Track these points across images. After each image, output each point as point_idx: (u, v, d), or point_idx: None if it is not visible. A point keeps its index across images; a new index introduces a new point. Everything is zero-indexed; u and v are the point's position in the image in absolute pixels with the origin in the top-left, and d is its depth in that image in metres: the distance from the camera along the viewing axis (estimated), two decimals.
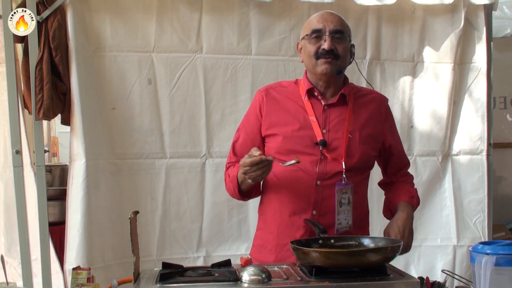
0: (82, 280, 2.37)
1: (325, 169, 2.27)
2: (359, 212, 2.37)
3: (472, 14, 3.78)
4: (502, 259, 1.91)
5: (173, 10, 3.46)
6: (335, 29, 2.30)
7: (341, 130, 2.31)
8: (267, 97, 2.40)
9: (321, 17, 2.33)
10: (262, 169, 2.12)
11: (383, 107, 2.45)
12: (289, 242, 2.11)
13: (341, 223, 2.27)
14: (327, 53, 2.27)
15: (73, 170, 3.29)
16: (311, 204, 2.29)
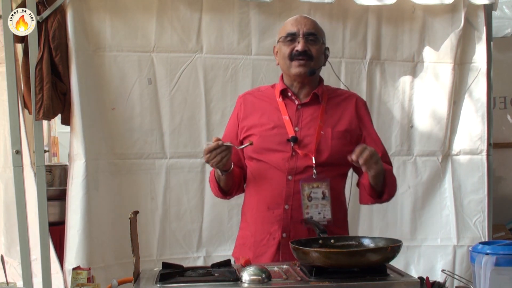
0: (82, 280, 2.37)
1: (296, 165, 2.35)
2: (337, 208, 2.41)
3: (472, 14, 3.78)
4: (502, 259, 1.91)
5: (173, 10, 3.46)
6: (309, 31, 2.40)
7: (313, 127, 2.40)
8: (244, 103, 2.54)
9: (296, 20, 2.43)
10: (220, 154, 2.23)
11: (358, 106, 2.49)
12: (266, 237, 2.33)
13: (313, 217, 2.32)
14: (300, 54, 2.37)
15: (73, 170, 3.29)
16: (283, 199, 2.36)
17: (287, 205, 2.35)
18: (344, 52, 3.70)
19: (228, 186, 2.47)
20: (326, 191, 2.34)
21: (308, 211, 2.32)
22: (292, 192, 2.34)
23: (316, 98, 2.44)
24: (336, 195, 2.40)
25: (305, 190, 2.32)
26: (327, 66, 2.60)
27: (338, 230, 2.36)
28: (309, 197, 2.32)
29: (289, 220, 2.35)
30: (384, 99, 3.79)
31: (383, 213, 3.81)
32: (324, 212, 2.34)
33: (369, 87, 3.75)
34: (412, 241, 3.80)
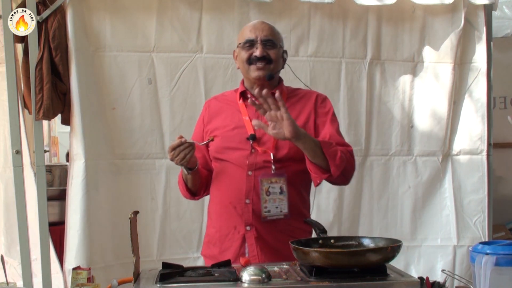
0: (82, 280, 2.36)
1: (255, 161, 2.41)
2: (297, 203, 2.46)
3: (472, 14, 3.79)
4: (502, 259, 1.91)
5: (173, 10, 3.46)
6: (266, 38, 2.45)
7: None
8: (208, 108, 2.63)
9: (253, 27, 2.49)
10: (183, 151, 2.33)
11: (317, 101, 2.53)
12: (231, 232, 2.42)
13: (271, 211, 2.39)
14: (258, 60, 2.44)
15: (73, 170, 3.29)
16: (244, 194, 2.42)
17: (248, 199, 2.41)
18: (344, 52, 3.71)
19: (195, 186, 2.56)
20: (283, 186, 2.40)
21: (266, 205, 2.38)
22: (252, 187, 2.41)
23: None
24: (296, 190, 2.45)
25: (263, 185, 2.39)
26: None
27: (296, 223, 2.43)
28: (268, 191, 2.39)
29: (251, 214, 2.41)
30: (384, 99, 3.80)
31: (383, 213, 3.81)
32: (281, 206, 2.40)
33: (369, 87, 3.75)
34: (412, 241, 3.80)
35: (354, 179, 3.72)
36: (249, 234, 2.41)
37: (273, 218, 2.40)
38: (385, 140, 3.81)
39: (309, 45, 3.65)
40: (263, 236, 2.41)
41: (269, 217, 2.39)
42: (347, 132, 3.70)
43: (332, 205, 3.70)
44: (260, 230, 2.41)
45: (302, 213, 2.49)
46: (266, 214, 2.39)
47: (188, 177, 2.50)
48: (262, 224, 2.40)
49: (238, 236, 2.43)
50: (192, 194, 2.61)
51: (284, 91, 2.52)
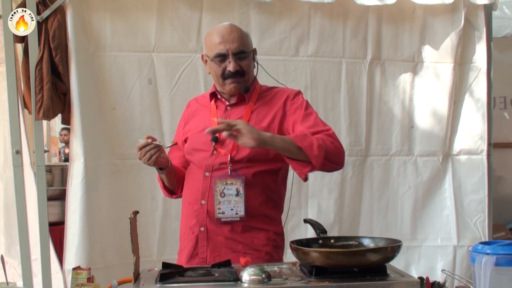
0: (82, 280, 2.36)
1: (213, 162, 2.39)
2: (257, 204, 2.39)
3: (472, 14, 3.79)
4: (502, 259, 1.91)
5: (173, 10, 3.46)
6: (237, 50, 2.38)
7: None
8: (188, 108, 2.65)
9: (222, 38, 2.39)
10: (149, 152, 2.35)
11: (287, 99, 2.45)
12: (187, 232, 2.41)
13: (225, 213, 2.35)
14: (233, 75, 2.39)
15: (73, 170, 3.29)
16: (200, 194, 2.40)
17: (204, 200, 2.39)
18: (344, 52, 3.71)
19: (172, 185, 2.57)
20: (240, 188, 2.35)
21: (220, 207, 2.36)
22: (207, 188, 2.38)
23: (244, 99, 2.47)
24: (258, 191, 2.39)
25: (218, 187, 2.36)
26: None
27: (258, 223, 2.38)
28: (222, 193, 2.35)
29: (205, 214, 2.38)
30: (385, 99, 3.80)
31: (383, 213, 3.81)
32: (237, 209, 2.35)
33: (369, 87, 3.75)
34: (412, 241, 3.80)
35: (355, 179, 3.75)
36: (202, 235, 2.38)
37: (227, 220, 2.35)
38: (385, 140, 3.81)
39: (309, 45, 3.65)
40: (215, 238, 2.37)
41: (223, 218, 2.35)
42: (347, 132, 3.71)
43: (333, 205, 3.70)
44: (212, 231, 2.37)
45: (266, 214, 2.42)
46: (220, 215, 2.35)
47: (163, 176, 2.52)
48: (215, 225, 2.36)
49: (192, 236, 2.41)
50: (170, 192, 2.61)
51: (256, 90, 2.49)
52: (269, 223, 2.43)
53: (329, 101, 3.69)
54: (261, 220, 2.40)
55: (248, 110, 2.44)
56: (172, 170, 2.50)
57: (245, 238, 2.36)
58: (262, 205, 2.41)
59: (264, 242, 2.39)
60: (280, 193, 2.51)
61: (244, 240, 2.36)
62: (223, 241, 2.36)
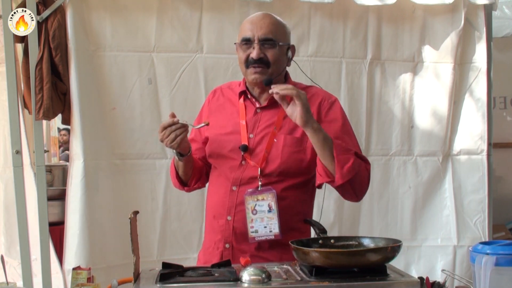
0: (82, 280, 2.36)
1: (241, 175, 2.23)
2: (293, 220, 2.25)
3: (472, 14, 3.79)
4: (502, 259, 1.91)
5: (173, 10, 3.46)
6: (264, 36, 2.21)
7: (269, 134, 2.25)
8: (213, 98, 2.42)
9: (251, 23, 2.26)
10: (174, 132, 2.10)
11: (321, 106, 2.28)
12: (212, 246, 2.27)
13: (258, 231, 2.20)
14: (255, 62, 2.21)
15: (72, 170, 3.29)
16: (226, 210, 2.25)
17: (230, 216, 2.24)
18: (344, 52, 3.71)
19: (186, 175, 2.35)
20: (272, 204, 2.18)
21: (253, 225, 2.19)
22: (235, 203, 2.23)
23: (275, 101, 2.18)
24: (287, 205, 2.23)
25: (249, 203, 2.19)
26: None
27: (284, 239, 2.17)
28: (254, 210, 2.19)
29: (231, 231, 2.24)
30: (385, 99, 3.80)
31: (383, 213, 3.81)
32: (271, 226, 2.19)
33: (369, 87, 3.75)
34: (412, 241, 3.80)
35: None
36: (226, 252, 2.25)
37: (261, 239, 2.20)
38: (385, 140, 3.81)
39: (309, 45, 3.65)
40: (240, 256, 2.15)
41: (257, 237, 2.20)
42: None
43: (333, 205, 3.70)
44: (237, 249, 2.23)
45: (297, 228, 2.27)
46: (254, 234, 2.20)
47: (180, 164, 2.29)
48: (240, 242, 2.23)
49: (217, 252, 2.27)
50: (182, 184, 2.39)
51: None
52: (298, 237, 2.21)
53: None
54: (291, 235, 2.19)
55: (280, 115, 2.25)
56: (191, 158, 2.28)
57: (273, 255, 2.20)
58: (293, 218, 2.26)
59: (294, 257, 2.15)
60: (310, 203, 2.37)
61: (272, 257, 2.18)
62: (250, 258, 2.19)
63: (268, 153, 2.22)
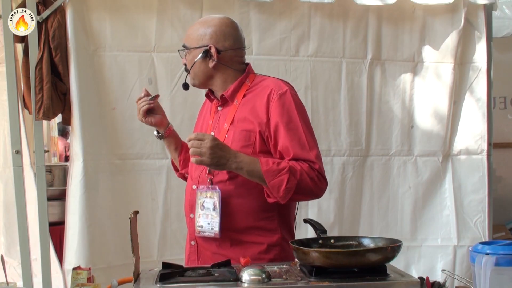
0: (82, 280, 2.36)
1: (200, 173, 2.30)
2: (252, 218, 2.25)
3: (472, 14, 3.78)
4: (502, 259, 1.91)
5: (173, 10, 3.46)
6: (182, 45, 2.41)
7: (221, 131, 2.30)
8: (202, 105, 2.57)
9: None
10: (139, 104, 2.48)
11: (271, 97, 2.23)
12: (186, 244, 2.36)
13: (203, 227, 2.25)
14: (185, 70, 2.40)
15: (72, 170, 3.29)
16: (189, 208, 2.34)
17: (192, 214, 2.31)
18: (344, 52, 3.71)
19: (175, 159, 2.59)
20: (216, 202, 2.21)
21: (199, 220, 2.26)
22: (194, 201, 2.30)
23: (227, 99, 2.32)
24: (244, 203, 2.24)
25: (199, 199, 2.26)
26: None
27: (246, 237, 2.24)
28: (202, 206, 2.25)
29: (194, 228, 2.30)
30: (385, 99, 3.80)
31: (383, 213, 3.81)
32: (213, 224, 2.23)
33: (369, 87, 3.75)
34: (412, 241, 3.80)
35: (355, 179, 3.75)
36: (192, 249, 2.34)
37: (205, 235, 2.25)
38: (385, 140, 3.81)
39: (309, 45, 3.65)
40: (204, 252, 2.29)
41: (201, 232, 2.26)
42: (347, 132, 3.71)
43: (333, 205, 3.70)
44: (201, 245, 2.30)
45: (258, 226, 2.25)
46: (199, 229, 2.26)
47: (165, 145, 2.56)
48: (203, 239, 2.28)
49: (187, 248, 2.39)
50: (176, 169, 2.61)
51: (244, 86, 2.31)
52: (263, 235, 2.26)
53: (329, 101, 3.69)
54: (252, 233, 2.24)
55: (231, 112, 2.30)
56: (172, 140, 2.50)
57: (234, 252, 2.19)
58: (251, 217, 2.25)
59: (256, 256, 2.18)
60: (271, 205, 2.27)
61: (233, 255, 2.13)
62: (211, 255, 2.25)
63: None
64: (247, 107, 2.27)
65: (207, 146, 2.07)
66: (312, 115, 3.65)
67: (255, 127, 2.21)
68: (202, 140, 2.08)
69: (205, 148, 2.08)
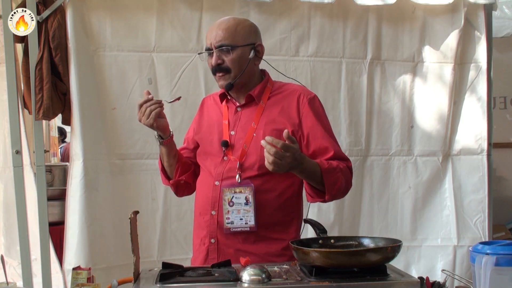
0: (82, 280, 2.36)
1: (223, 170, 2.31)
2: (276, 214, 2.30)
3: (472, 14, 3.79)
4: (502, 259, 1.91)
5: (173, 10, 3.46)
6: (219, 44, 2.29)
7: (248, 130, 2.33)
8: (202, 106, 2.55)
9: (210, 32, 2.34)
10: (149, 107, 2.27)
11: (301, 102, 2.33)
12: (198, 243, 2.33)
13: (234, 223, 2.26)
14: (216, 70, 2.31)
15: (72, 170, 3.29)
16: (210, 205, 2.32)
17: (214, 211, 2.30)
18: (344, 52, 3.71)
19: (171, 166, 2.44)
20: (249, 197, 2.25)
21: (229, 216, 2.26)
22: (217, 197, 2.30)
23: (253, 99, 2.36)
24: (270, 199, 2.29)
25: (226, 195, 2.27)
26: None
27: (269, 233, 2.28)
28: (231, 202, 2.26)
29: (216, 226, 2.30)
30: (385, 99, 3.80)
31: (383, 213, 3.81)
32: (247, 218, 2.26)
33: (369, 87, 3.75)
34: (412, 241, 3.80)
35: (354, 179, 3.72)
36: (212, 247, 2.31)
37: (236, 230, 2.26)
38: (385, 140, 3.81)
39: (309, 45, 3.65)
40: (226, 250, 2.28)
41: (233, 228, 2.26)
42: (347, 132, 3.71)
43: (333, 205, 3.70)
44: (223, 243, 2.29)
45: (281, 222, 2.32)
46: (229, 225, 2.26)
47: (163, 152, 2.39)
48: (226, 236, 2.28)
49: (203, 248, 2.33)
50: (167, 177, 2.49)
51: (267, 89, 2.37)
52: (285, 232, 2.32)
53: (329, 101, 3.69)
54: (275, 229, 2.30)
55: (258, 111, 2.34)
56: (173, 146, 2.39)
57: (258, 248, 2.26)
58: (276, 213, 2.30)
59: (279, 252, 2.27)
60: (297, 198, 2.40)
61: (257, 251, 2.25)
62: (233, 253, 2.24)
63: (247, 147, 2.29)
64: (276, 109, 2.33)
65: (289, 160, 2.04)
66: None
67: (287, 127, 2.25)
68: (287, 152, 2.03)
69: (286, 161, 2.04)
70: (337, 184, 2.22)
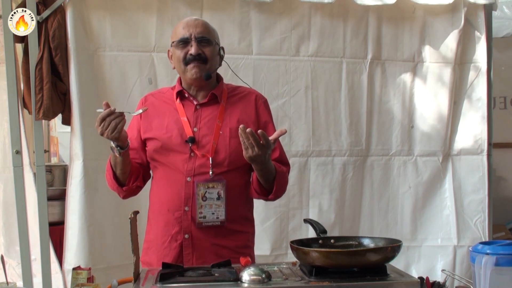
0: (82, 280, 2.36)
1: (194, 166, 2.35)
2: (238, 207, 2.40)
3: (472, 14, 3.79)
4: (502, 259, 1.91)
5: (173, 10, 3.46)
6: (200, 35, 2.37)
7: (212, 127, 2.39)
8: (145, 103, 2.53)
9: (187, 24, 2.39)
10: (114, 120, 2.19)
11: (257, 103, 2.48)
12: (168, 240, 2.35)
13: (206, 217, 2.32)
14: (194, 59, 2.35)
15: (72, 170, 3.29)
16: (183, 201, 2.34)
17: (187, 206, 2.34)
18: (345, 52, 3.71)
19: (124, 174, 2.40)
20: (221, 192, 2.33)
21: (202, 211, 2.32)
22: (191, 193, 2.34)
23: (214, 98, 2.43)
24: (236, 194, 2.38)
25: (200, 190, 2.32)
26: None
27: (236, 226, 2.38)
28: (204, 197, 2.32)
29: (190, 221, 2.34)
30: (385, 99, 3.80)
31: (383, 213, 3.81)
32: (218, 213, 2.33)
33: (369, 87, 3.75)
34: (412, 241, 3.80)
35: (355, 179, 3.76)
36: (186, 243, 2.34)
37: (208, 225, 2.32)
38: (385, 140, 3.81)
39: (309, 45, 3.65)
40: (201, 245, 2.33)
41: (205, 223, 2.32)
42: (347, 132, 3.71)
43: (334, 205, 3.70)
44: (197, 238, 2.33)
45: (246, 216, 2.46)
46: (201, 220, 2.32)
47: (118, 161, 2.33)
48: (199, 231, 2.33)
49: (175, 244, 2.35)
50: (119, 184, 2.43)
51: (224, 90, 2.46)
52: (248, 224, 2.47)
53: (329, 101, 3.69)
54: (241, 222, 2.42)
55: (221, 110, 2.41)
56: (128, 153, 2.35)
57: (228, 242, 2.35)
58: (242, 207, 2.44)
59: (245, 243, 2.42)
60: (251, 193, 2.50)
61: (228, 244, 2.35)
62: (209, 247, 2.32)
63: (217, 144, 2.36)
64: (237, 108, 2.44)
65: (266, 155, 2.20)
66: (313, 115, 3.65)
67: (249, 124, 2.35)
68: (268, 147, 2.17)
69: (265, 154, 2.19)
70: (284, 186, 2.40)
